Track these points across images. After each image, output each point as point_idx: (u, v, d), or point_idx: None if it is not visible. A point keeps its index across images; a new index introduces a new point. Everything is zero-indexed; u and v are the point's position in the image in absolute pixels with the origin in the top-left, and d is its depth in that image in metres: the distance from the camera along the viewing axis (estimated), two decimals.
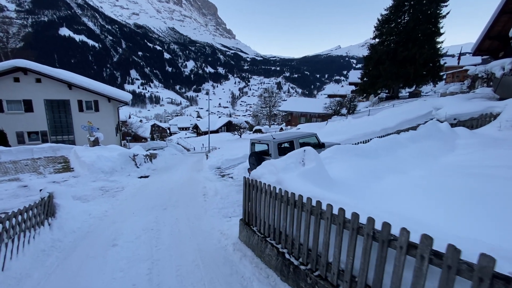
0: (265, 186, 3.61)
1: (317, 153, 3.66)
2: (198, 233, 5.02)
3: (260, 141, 8.26)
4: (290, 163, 3.58)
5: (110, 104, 22.57)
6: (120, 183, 10.86)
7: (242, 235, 4.40)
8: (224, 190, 8.42)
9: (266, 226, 3.71)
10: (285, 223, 3.25)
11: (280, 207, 3.31)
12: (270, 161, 3.94)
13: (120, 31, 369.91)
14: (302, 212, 2.91)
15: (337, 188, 3.30)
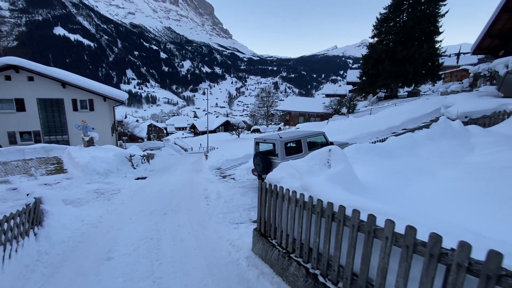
0: (288, 192, 3.10)
1: (344, 153, 3.19)
2: (204, 243, 4.51)
3: (265, 141, 7.77)
4: (313, 165, 3.11)
5: (106, 103, 21.92)
6: (116, 185, 10.30)
7: (256, 247, 3.87)
8: (227, 193, 7.92)
9: (290, 239, 3.17)
10: (317, 238, 2.72)
11: (310, 219, 2.80)
12: (289, 162, 3.45)
13: (116, 31, 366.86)
14: (343, 226, 2.40)
15: (370, 194, 2.84)
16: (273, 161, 7.33)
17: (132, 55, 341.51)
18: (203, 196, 7.79)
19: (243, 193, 7.73)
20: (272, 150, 7.88)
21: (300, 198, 2.89)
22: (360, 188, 2.95)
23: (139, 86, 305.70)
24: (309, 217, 2.80)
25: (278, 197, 3.33)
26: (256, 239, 3.87)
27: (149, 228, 5.32)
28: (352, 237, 2.29)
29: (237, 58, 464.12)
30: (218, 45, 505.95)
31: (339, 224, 2.41)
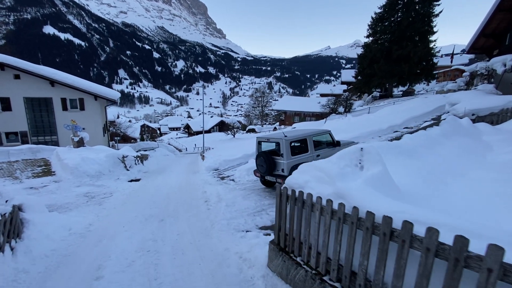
0: (320, 201, 2.56)
1: (379, 152, 2.75)
2: (209, 256, 3.98)
3: (268, 140, 7.29)
4: (344, 167, 2.65)
5: (97, 102, 21.12)
6: (108, 188, 9.68)
7: (274, 264, 3.32)
8: (228, 196, 7.41)
9: (322, 259, 2.64)
10: (365, 261, 2.15)
11: (354, 235, 2.25)
12: (312, 164, 2.99)
13: (107, 30, 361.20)
14: (409, 248, 1.84)
15: (412, 201, 2.39)
16: (277, 161, 6.86)
17: (124, 54, 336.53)
18: (202, 200, 7.25)
19: (245, 196, 7.23)
20: (276, 149, 7.42)
21: (339, 210, 2.36)
22: (399, 193, 2.51)
23: (131, 86, 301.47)
24: (352, 233, 2.28)
25: (305, 207, 2.82)
26: (273, 254, 3.33)
27: (145, 237, 4.75)
28: (425, 264, 1.72)
29: (231, 58, 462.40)
30: (211, 45, 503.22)
31: (403, 245, 1.86)
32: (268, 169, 6.81)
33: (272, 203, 6.54)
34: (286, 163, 6.60)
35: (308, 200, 2.76)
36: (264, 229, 4.99)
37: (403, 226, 1.83)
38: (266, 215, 5.73)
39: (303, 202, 2.86)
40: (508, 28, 24.68)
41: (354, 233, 2.26)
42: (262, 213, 5.86)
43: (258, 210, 6.06)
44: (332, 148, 7.74)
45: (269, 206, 6.34)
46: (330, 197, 2.43)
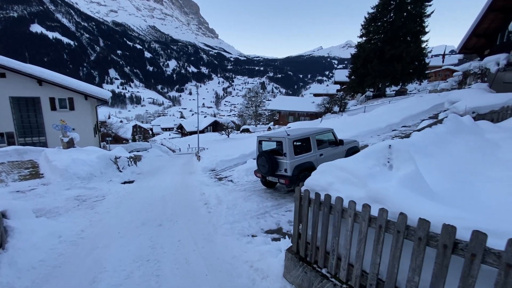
0: (354, 206, 2.24)
1: (408, 149, 2.51)
2: (216, 265, 3.64)
3: (270, 139, 7.01)
4: (373, 167, 2.40)
5: (87, 102, 20.47)
6: (100, 191, 9.24)
7: (292, 275, 2.98)
8: (227, 197, 7.10)
9: (356, 272, 2.31)
10: (416, 276, 1.83)
11: (399, 246, 1.94)
12: (334, 163, 2.72)
13: (97, 29, 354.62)
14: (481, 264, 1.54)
15: (449, 203, 2.15)
16: (279, 161, 6.60)
17: (115, 54, 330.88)
18: (201, 202, 6.92)
19: (246, 198, 6.94)
20: (278, 149, 7.16)
21: (379, 216, 2.03)
22: (434, 195, 2.27)
23: (122, 86, 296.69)
24: (398, 244, 1.96)
25: (333, 212, 2.52)
26: (291, 264, 3.01)
27: (143, 245, 4.39)
28: (504, 282, 1.46)
29: (223, 58, 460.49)
30: (204, 45, 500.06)
31: (472, 260, 1.55)
32: (270, 169, 6.55)
33: (275, 204, 6.27)
34: (289, 163, 6.35)
35: (337, 205, 2.44)
36: (270, 233, 4.72)
37: (473, 237, 1.55)
38: (270, 217, 5.45)
39: (331, 207, 2.55)
40: (499, 28, 25.09)
41: (400, 244, 1.97)
42: (265, 215, 5.59)
43: (261, 212, 5.79)
44: (334, 147, 7.53)
45: (272, 208, 6.07)
46: (362, 201, 2.15)
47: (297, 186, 6.51)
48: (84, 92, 19.77)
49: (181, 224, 5.34)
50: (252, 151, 14.07)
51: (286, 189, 7.50)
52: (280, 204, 6.32)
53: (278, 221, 5.25)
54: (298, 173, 6.39)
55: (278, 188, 7.70)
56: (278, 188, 7.70)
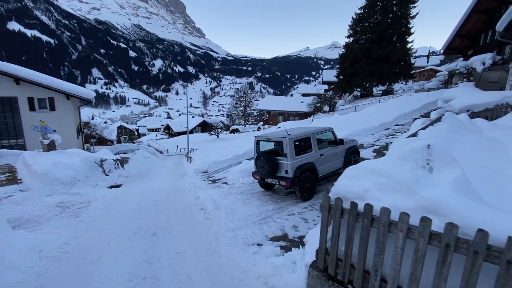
0: (407, 219, 1.88)
1: (449, 149, 2.24)
2: (223, 283, 3.20)
3: (269, 139, 6.68)
4: (413, 169, 2.11)
5: (69, 102, 19.43)
6: (85, 196, 8.62)
7: None
8: (224, 201, 6.71)
9: None
10: None
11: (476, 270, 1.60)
12: (366, 167, 2.40)
13: (79, 27, 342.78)
14: None
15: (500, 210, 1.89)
16: (280, 162, 6.28)
17: (98, 53, 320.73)
18: (197, 207, 6.49)
19: (245, 201, 6.58)
20: (277, 149, 6.83)
21: (447, 233, 1.67)
22: (482, 201, 2.00)
23: (106, 86, 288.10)
24: (475, 268, 1.62)
25: (375, 225, 2.16)
26: (317, 283, 2.63)
27: (137, 259, 3.91)
28: None
29: (211, 58, 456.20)
30: (191, 44, 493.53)
31: None
32: (270, 170, 6.21)
33: (276, 208, 5.94)
34: (290, 164, 6.04)
35: (383, 217, 2.06)
36: (275, 240, 4.38)
37: None
38: (273, 222, 5.12)
39: (372, 219, 2.18)
40: (482, 29, 25.90)
41: (478, 268, 1.62)
42: (268, 220, 5.25)
43: (263, 217, 5.44)
44: (334, 146, 7.28)
45: (273, 212, 5.74)
46: (412, 212, 1.84)
47: (296, 187, 6.23)
48: (65, 92, 18.75)
49: (178, 233, 4.89)
50: (245, 152, 13.71)
51: (285, 191, 7.20)
52: (281, 207, 6.00)
53: (282, 226, 4.92)
54: (299, 175, 6.09)
55: (276, 190, 7.39)
56: (276, 190, 7.39)
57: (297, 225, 4.95)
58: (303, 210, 5.71)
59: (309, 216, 5.35)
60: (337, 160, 7.34)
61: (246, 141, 23.93)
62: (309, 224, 4.96)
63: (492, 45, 23.41)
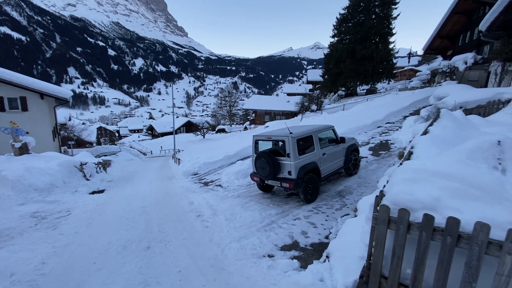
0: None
1: None
2: None
3: (270, 138, 6.26)
4: (491, 171, 1.76)
5: (44, 102, 18.05)
6: (64, 204, 7.83)
7: None
8: (222, 206, 6.22)
9: None
10: None
11: None
12: (428, 168, 2.01)
13: (53, 24, 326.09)
14: None
15: None
16: (282, 162, 5.87)
17: (74, 51, 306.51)
18: (193, 214, 5.94)
19: (244, 205, 6.12)
20: (278, 149, 6.42)
21: None
22: None
23: (84, 85, 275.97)
24: None
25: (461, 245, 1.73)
26: None
27: (132, 281, 3.30)
28: None
29: (194, 57, 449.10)
30: (173, 43, 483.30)
31: None
32: (271, 172, 5.79)
33: (279, 212, 5.53)
34: (294, 164, 5.64)
35: (479, 235, 1.64)
36: (287, 250, 3.96)
37: None
38: (279, 228, 4.70)
39: (459, 237, 1.73)
40: (461, 30, 26.86)
41: None
42: (273, 226, 4.83)
43: (267, 222, 5.01)
44: (335, 145, 6.98)
45: (277, 216, 5.32)
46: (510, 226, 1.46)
47: (300, 189, 5.87)
48: (39, 90, 17.38)
49: (176, 245, 4.32)
50: (236, 152, 13.23)
51: (286, 193, 6.81)
52: (285, 211, 5.60)
53: (290, 233, 4.51)
54: (303, 176, 5.72)
55: (276, 192, 6.98)
56: (276, 192, 6.98)
57: (306, 230, 4.56)
58: (308, 213, 5.34)
59: (316, 220, 4.98)
60: (338, 159, 7.05)
61: (234, 141, 23.42)
62: (318, 229, 4.59)
63: (471, 45, 24.32)
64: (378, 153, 9.47)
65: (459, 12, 24.38)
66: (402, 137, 10.58)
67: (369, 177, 7.27)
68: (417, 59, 74.35)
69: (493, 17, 13.70)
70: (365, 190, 6.38)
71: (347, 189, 6.59)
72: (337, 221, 4.85)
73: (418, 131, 9.70)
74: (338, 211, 5.37)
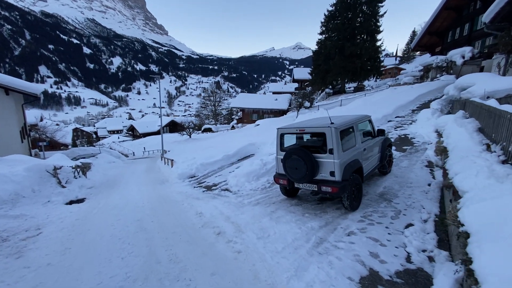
0: None
1: None
2: None
3: (302, 131, 5.00)
4: None
5: (9, 98, 15.74)
6: (33, 220, 6.20)
7: None
8: (242, 218, 4.91)
9: None
10: None
11: None
12: None
13: (22, 19, 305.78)
14: None
15: None
16: (321, 161, 4.64)
17: (46, 49, 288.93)
18: (209, 230, 4.55)
19: (271, 216, 4.84)
20: (314, 144, 5.18)
21: None
22: None
23: (57, 85, 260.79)
24: None
25: None
26: None
27: None
28: None
29: (175, 56, 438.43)
30: (152, 41, 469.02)
31: None
32: (308, 173, 4.56)
33: (322, 225, 4.31)
34: (338, 163, 4.44)
35: None
36: (370, 286, 2.74)
37: None
38: (337, 250, 3.48)
39: None
40: (450, 27, 27.01)
41: None
42: (326, 247, 3.60)
43: (316, 241, 3.78)
44: (371, 139, 5.86)
45: (322, 230, 4.10)
46: None
47: (344, 193, 4.68)
48: (4, 85, 15.07)
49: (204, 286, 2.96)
50: (236, 151, 11.91)
51: (315, 197, 5.60)
52: (329, 222, 4.39)
53: (355, 256, 3.31)
54: (348, 176, 4.54)
55: (303, 197, 5.76)
56: (303, 197, 5.76)
57: (375, 251, 3.38)
58: (360, 225, 4.18)
59: (377, 234, 3.82)
60: (376, 155, 5.95)
61: (225, 140, 22.00)
62: (389, 249, 3.42)
63: (461, 41, 24.43)
64: (403, 148, 8.52)
65: (449, 7, 24.45)
66: (422, 131, 9.76)
67: (407, 176, 6.24)
68: (397, 59, 76.17)
69: (498, 7, 13.26)
70: (411, 192, 5.32)
71: (389, 191, 5.49)
72: (405, 235, 3.72)
73: (442, 124, 8.85)
74: (396, 220, 4.25)
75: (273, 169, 7.80)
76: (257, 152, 12.71)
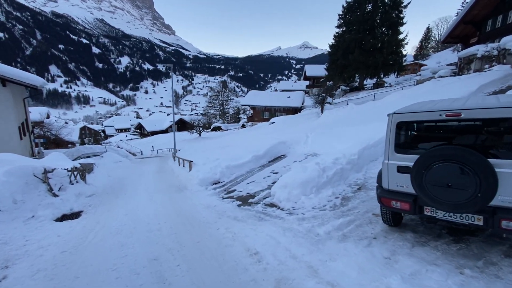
0: None
1: None
2: None
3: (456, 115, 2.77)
4: None
5: (7, 90, 14.01)
6: (3, 249, 4.25)
7: None
8: (333, 267, 2.85)
9: None
10: None
11: None
12: None
13: (33, 20, 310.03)
14: None
15: None
16: (501, 172, 2.46)
17: (56, 48, 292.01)
18: None
19: (393, 267, 2.72)
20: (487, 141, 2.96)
21: None
22: None
23: (67, 84, 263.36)
24: None
25: None
26: None
27: None
28: None
29: (182, 56, 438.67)
30: (160, 41, 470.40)
31: None
32: (482, 194, 2.40)
33: None
34: None
35: None
36: None
37: None
38: None
39: None
40: (488, 15, 24.27)
41: None
42: None
43: None
44: None
45: None
46: None
47: None
48: None
49: None
50: (266, 151, 9.81)
51: (438, 225, 3.44)
52: None
53: None
54: None
55: (409, 225, 3.60)
56: (409, 225, 3.60)
57: None
58: None
59: None
60: None
61: (241, 138, 19.92)
62: None
63: (501, 31, 21.80)
64: None
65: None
66: None
67: None
68: (411, 56, 72.85)
69: None
70: None
71: None
72: None
73: None
74: None
75: (335, 177, 5.67)
76: (289, 153, 10.61)
